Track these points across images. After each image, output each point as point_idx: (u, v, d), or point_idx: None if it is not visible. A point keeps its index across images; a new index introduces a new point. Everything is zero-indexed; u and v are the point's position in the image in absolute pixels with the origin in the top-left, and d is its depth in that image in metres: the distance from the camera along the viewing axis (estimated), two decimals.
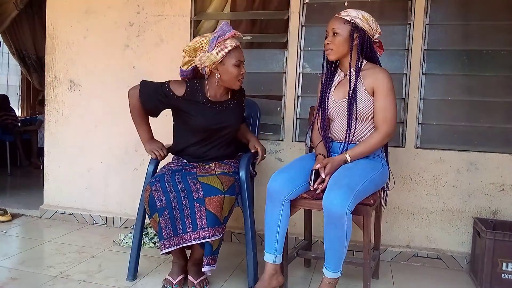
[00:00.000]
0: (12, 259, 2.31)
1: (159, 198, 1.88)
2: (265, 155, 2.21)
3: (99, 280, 2.09)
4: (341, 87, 1.96)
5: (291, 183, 1.84)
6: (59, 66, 3.04)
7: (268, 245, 1.89)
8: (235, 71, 1.99)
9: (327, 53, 1.92)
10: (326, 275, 1.79)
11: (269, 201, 1.87)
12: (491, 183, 2.37)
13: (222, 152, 2.12)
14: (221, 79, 2.02)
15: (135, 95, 2.09)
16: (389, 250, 2.48)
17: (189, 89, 2.05)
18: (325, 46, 1.92)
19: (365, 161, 1.89)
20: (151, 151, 2.14)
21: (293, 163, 1.96)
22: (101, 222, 2.99)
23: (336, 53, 1.91)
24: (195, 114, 2.04)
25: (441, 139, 2.46)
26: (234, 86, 2.05)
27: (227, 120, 2.08)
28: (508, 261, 2.08)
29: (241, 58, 2.01)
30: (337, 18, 1.90)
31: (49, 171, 3.12)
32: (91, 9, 2.94)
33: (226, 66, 1.98)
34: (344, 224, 1.68)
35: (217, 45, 1.95)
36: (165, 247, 1.87)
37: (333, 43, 1.88)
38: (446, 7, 2.43)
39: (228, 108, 2.11)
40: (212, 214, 1.84)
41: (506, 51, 2.36)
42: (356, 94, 1.88)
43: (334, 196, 1.68)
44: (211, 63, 1.96)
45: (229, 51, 1.95)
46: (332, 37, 1.88)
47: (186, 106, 2.04)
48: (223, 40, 1.95)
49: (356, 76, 1.89)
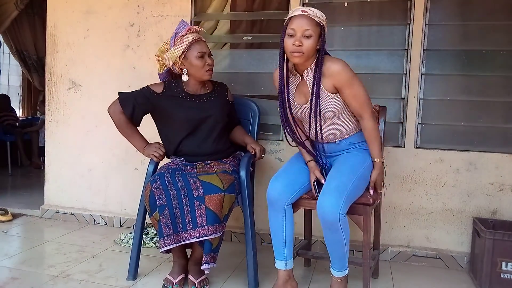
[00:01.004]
0: (13, 259, 2.32)
1: (159, 196, 1.88)
2: (264, 155, 2.20)
3: (100, 279, 2.09)
4: (300, 90, 1.87)
5: (291, 188, 1.84)
6: (59, 66, 3.05)
7: (277, 252, 1.88)
8: (199, 62, 2.05)
9: (295, 55, 1.73)
10: (334, 274, 1.84)
11: (271, 208, 1.86)
12: (490, 183, 2.37)
13: (215, 146, 2.13)
14: (189, 73, 2.10)
15: (116, 109, 2.13)
16: (389, 250, 2.49)
17: (167, 85, 2.15)
18: (292, 47, 1.72)
19: (353, 157, 1.87)
20: (150, 154, 2.15)
21: (289, 167, 1.95)
22: (102, 222, 2.99)
23: (305, 57, 1.74)
24: (176, 107, 2.10)
25: (441, 139, 2.46)
26: (204, 77, 2.11)
27: (209, 111, 2.12)
28: (508, 260, 2.08)
29: (203, 49, 2.07)
30: (307, 18, 1.71)
31: (49, 171, 3.12)
32: (92, 9, 2.95)
33: (190, 60, 2.06)
34: (339, 228, 1.68)
35: (176, 42, 2.07)
36: (165, 244, 1.87)
37: (305, 46, 1.71)
38: (445, 7, 2.44)
39: (209, 100, 2.16)
40: (212, 212, 1.84)
41: (505, 51, 2.36)
42: (319, 99, 1.79)
43: (325, 203, 1.68)
44: (174, 59, 2.06)
45: (188, 45, 2.04)
46: (304, 38, 1.71)
47: (166, 102, 2.11)
48: (180, 36, 2.06)
49: (318, 80, 1.77)
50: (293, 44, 1.72)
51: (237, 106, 2.40)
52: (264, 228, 2.32)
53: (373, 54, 2.53)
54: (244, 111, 2.43)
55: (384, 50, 2.49)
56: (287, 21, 1.77)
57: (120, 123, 2.15)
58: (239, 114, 2.40)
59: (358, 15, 2.54)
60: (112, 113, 2.15)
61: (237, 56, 2.82)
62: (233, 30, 2.95)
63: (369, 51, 2.54)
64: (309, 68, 1.82)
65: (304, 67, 1.82)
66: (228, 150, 2.21)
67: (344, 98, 1.81)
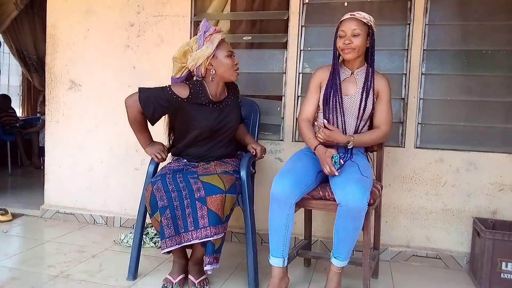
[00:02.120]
0: (13, 259, 2.32)
1: (160, 197, 1.88)
2: (264, 155, 2.20)
3: (100, 279, 2.09)
4: (348, 84, 2.02)
5: (298, 186, 1.84)
6: (59, 66, 3.05)
7: (275, 250, 1.89)
8: (229, 61, 2.02)
9: (347, 52, 1.94)
10: (336, 264, 1.88)
11: (277, 205, 1.85)
12: (490, 183, 2.37)
13: (223, 151, 2.13)
14: (217, 73, 2.03)
15: (134, 104, 2.00)
16: (389, 250, 2.49)
17: (193, 90, 2.02)
18: (342, 45, 1.94)
19: (362, 159, 1.98)
20: (153, 154, 2.12)
21: (294, 165, 1.95)
22: (102, 222, 2.99)
23: (357, 53, 1.95)
24: (200, 116, 2.03)
25: (441, 139, 2.46)
26: (232, 78, 2.07)
27: (228, 119, 2.10)
28: (508, 260, 2.09)
29: (231, 48, 2.06)
30: (355, 19, 1.93)
31: (49, 171, 3.12)
32: (92, 9, 2.95)
33: (220, 59, 2.01)
34: (362, 216, 1.76)
35: (206, 40, 1.99)
36: (167, 246, 1.87)
37: (355, 43, 1.92)
38: (445, 7, 2.44)
39: (228, 105, 2.12)
40: (214, 213, 1.84)
41: (505, 51, 2.36)
42: (368, 94, 1.97)
43: (354, 191, 1.73)
44: (205, 59, 1.98)
45: (218, 44, 1.99)
46: (353, 37, 1.92)
47: (190, 108, 2.02)
48: (209, 34, 1.99)
49: (371, 80, 1.98)
50: (343, 43, 1.94)
51: None
52: (264, 228, 2.32)
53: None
54: (244, 111, 2.43)
55: (384, 50, 2.49)
56: (338, 25, 1.99)
57: (134, 120, 2.05)
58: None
59: None
60: (129, 108, 2.01)
61: (237, 56, 2.81)
62: (233, 30, 2.95)
63: None
64: (361, 68, 2.02)
65: (355, 65, 2.02)
66: (233, 152, 2.21)
67: (377, 107, 2.01)
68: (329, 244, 2.57)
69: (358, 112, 1.97)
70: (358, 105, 1.97)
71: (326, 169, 1.85)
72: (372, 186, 1.91)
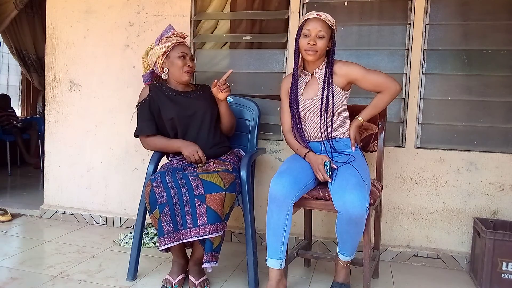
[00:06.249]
0: (13, 259, 2.32)
1: (160, 194, 1.88)
2: (225, 85, 2.13)
3: (99, 280, 2.09)
4: (310, 87, 2.01)
5: (296, 186, 1.84)
6: (59, 66, 3.04)
7: (273, 251, 1.87)
8: (180, 62, 2.17)
9: (310, 54, 1.92)
10: (343, 259, 1.93)
11: (275, 205, 1.83)
12: (491, 183, 2.37)
13: (211, 140, 2.17)
14: (170, 72, 2.20)
15: (148, 141, 2.18)
16: (389, 250, 2.49)
17: (152, 86, 2.22)
18: (306, 45, 1.90)
19: (358, 156, 1.97)
20: (190, 154, 2.07)
21: (291, 165, 1.94)
22: (101, 222, 2.99)
23: (319, 55, 1.93)
24: (168, 103, 2.15)
25: (441, 139, 2.46)
26: (183, 78, 2.19)
27: (199, 104, 2.19)
28: (508, 261, 2.08)
29: (186, 51, 2.20)
30: (321, 21, 1.91)
31: (49, 171, 3.12)
32: (91, 9, 2.94)
33: (172, 59, 2.18)
34: (364, 221, 1.75)
35: (161, 42, 2.21)
36: (165, 242, 1.86)
37: (318, 45, 1.90)
38: (446, 7, 2.43)
39: (196, 96, 2.24)
40: (213, 210, 1.84)
41: (506, 51, 2.36)
42: (329, 91, 1.94)
43: (353, 198, 1.70)
44: (157, 57, 2.17)
45: (172, 46, 2.17)
46: (317, 38, 1.90)
47: (158, 100, 2.16)
48: (165, 37, 2.21)
49: (330, 75, 1.95)
50: (308, 43, 1.91)
51: (237, 106, 2.40)
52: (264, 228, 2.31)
53: (374, 53, 2.53)
54: (244, 111, 2.43)
55: (385, 50, 2.49)
56: (303, 22, 1.95)
57: (159, 145, 2.17)
58: (239, 114, 2.39)
59: (358, 15, 2.54)
60: (150, 147, 2.20)
61: (237, 56, 2.82)
62: (233, 29, 2.94)
63: (370, 50, 2.53)
64: (320, 67, 1.99)
65: (315, 65, 1.99)
66: (224, 143, 2.24)
67: (361, 85, 1.96)
68: (329, 244, 2.56)
69: (320, 111, 1.95)
70: (319, 104, 1.95)
71: (319, 177, 1.87)
72: (372, 185, 1.90)
